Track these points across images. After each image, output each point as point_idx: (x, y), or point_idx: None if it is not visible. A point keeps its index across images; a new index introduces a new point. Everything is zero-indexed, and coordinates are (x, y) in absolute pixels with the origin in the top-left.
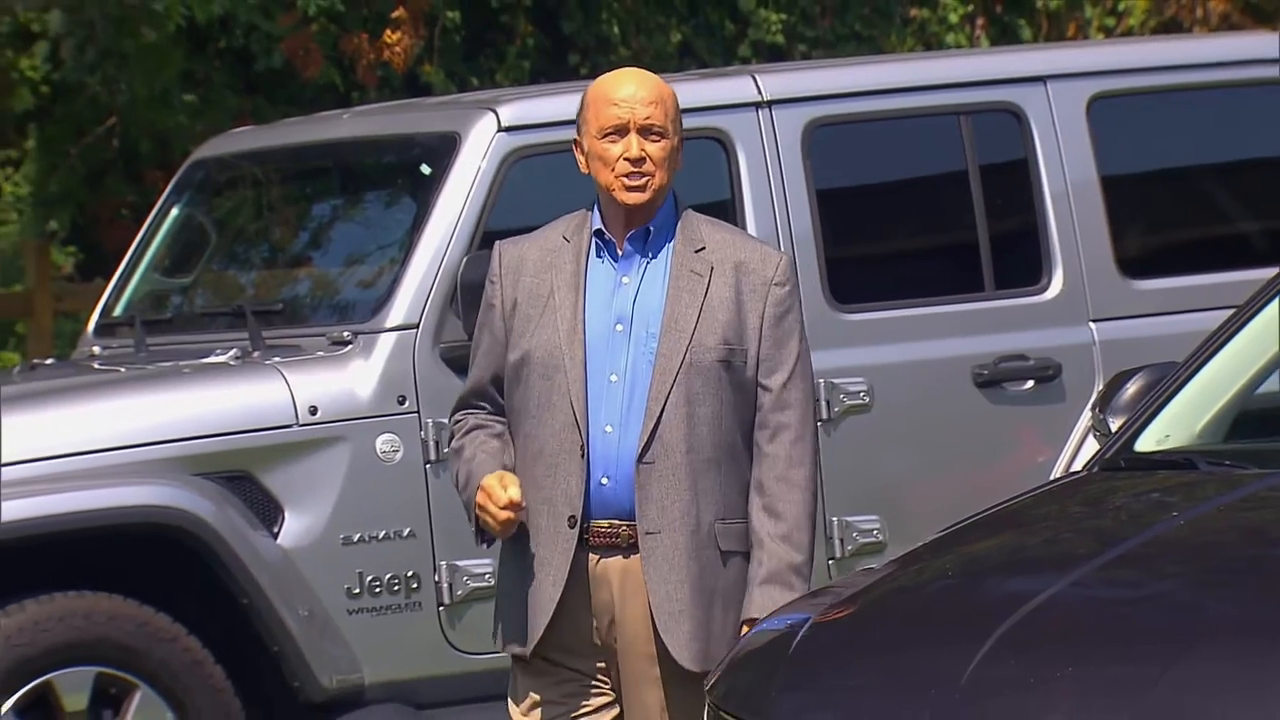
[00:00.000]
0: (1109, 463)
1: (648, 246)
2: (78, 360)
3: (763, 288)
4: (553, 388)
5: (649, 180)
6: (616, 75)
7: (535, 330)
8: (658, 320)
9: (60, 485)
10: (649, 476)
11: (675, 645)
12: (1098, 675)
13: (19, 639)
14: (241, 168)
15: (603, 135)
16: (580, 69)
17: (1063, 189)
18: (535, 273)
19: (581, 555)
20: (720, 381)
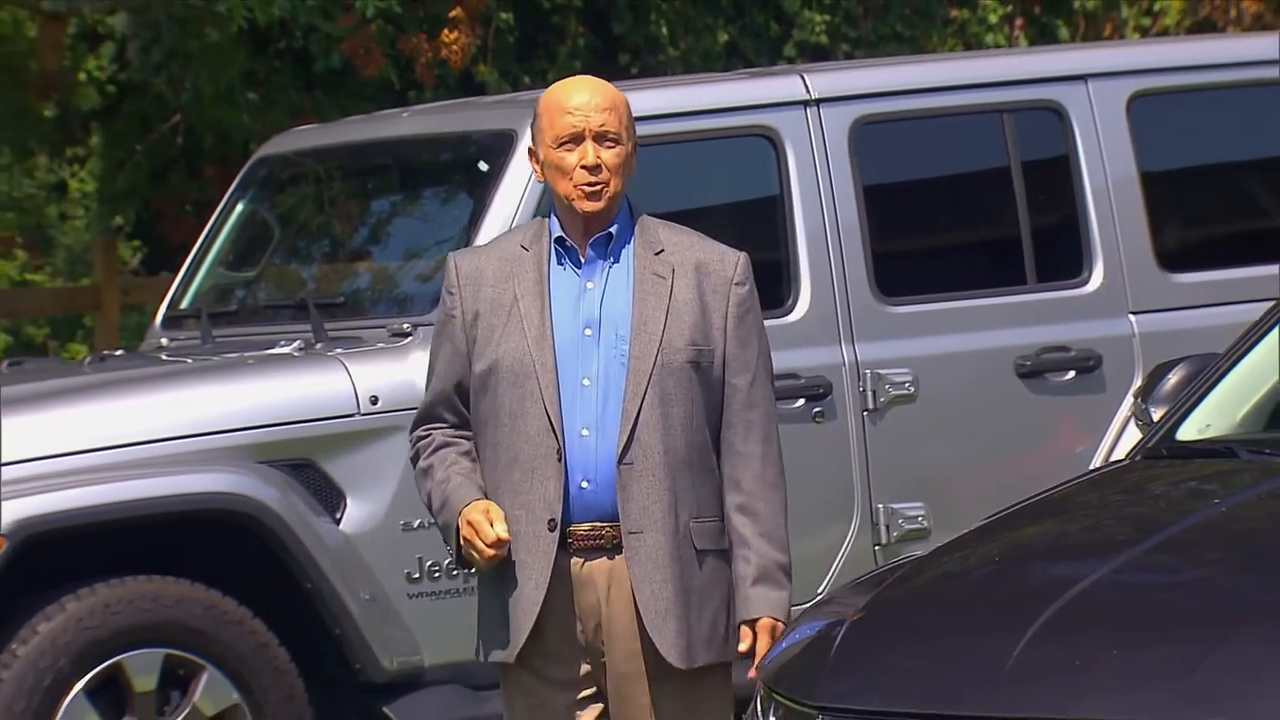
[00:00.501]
0: (1151, 451)
1: (609, 251)
2: (146, 351)
3: (724, 288)
4: (525, 395)
5: (604, 188)
6: (569, 84)
7: (501, 339)
8: (626, 323)
9: (130, 473)
10: (630, 477)
11: (663, 644)
12: (1141, 659)
13: (90, 621)
14: (303, 165)
15: (558, 144)
16: (630, 68)
17: (1103, 185)
18: (495, 282)
19: (564, 559)
20: (691, 381)
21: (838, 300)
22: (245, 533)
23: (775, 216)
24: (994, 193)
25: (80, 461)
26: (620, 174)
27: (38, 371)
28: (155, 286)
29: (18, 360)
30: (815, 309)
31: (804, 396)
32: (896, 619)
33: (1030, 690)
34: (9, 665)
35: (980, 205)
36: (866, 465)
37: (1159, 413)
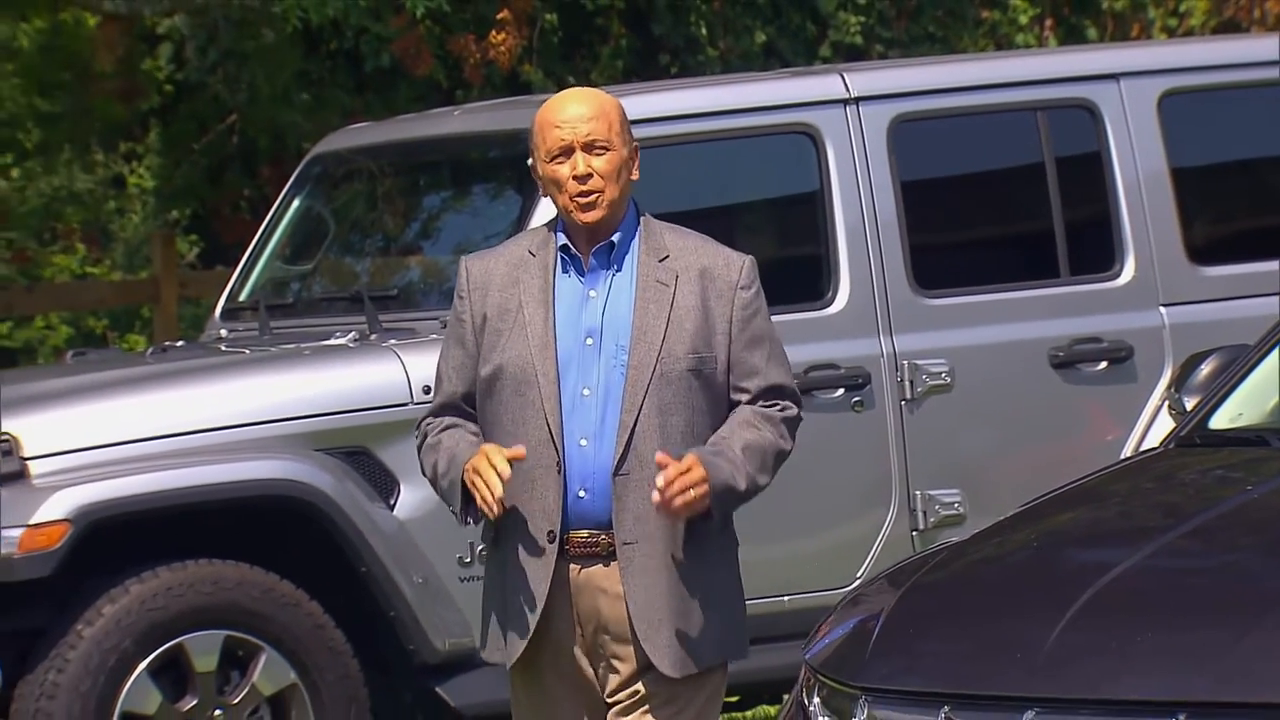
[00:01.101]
0: (1185, 440)
1: (612, 259)
2: (205, 343)
3: (729, 292)
4: (526, 403)
5: (599, 196)
6: (559, 98)
7: (505, 345)
8: (626, 332)
9: (191, 460)
10: (625, 488)
11: (655, 653)
12: (1176, 642)
13: (153, 604)
14: (357, 162)
15: (551, 159)
16: (670, 68)
17: (1134, 180)
18: (503, 288)
19: (563, 566)
20: (691, 390)
21: (876, 293)
22: (302, 518)
23: (816, 212)
24: (1028, 188)
25: (143, 449)
26: (615, 180)
27: (101, 362)
28: (211, 280)
29: (82, 351)
30: (854, 301)
31: (843, 386)
32: (936, 603)
33: (1067, 672)
34: (75, 645)
35: (1015, 200)
36: (904, 453)
37: (1192, 402)
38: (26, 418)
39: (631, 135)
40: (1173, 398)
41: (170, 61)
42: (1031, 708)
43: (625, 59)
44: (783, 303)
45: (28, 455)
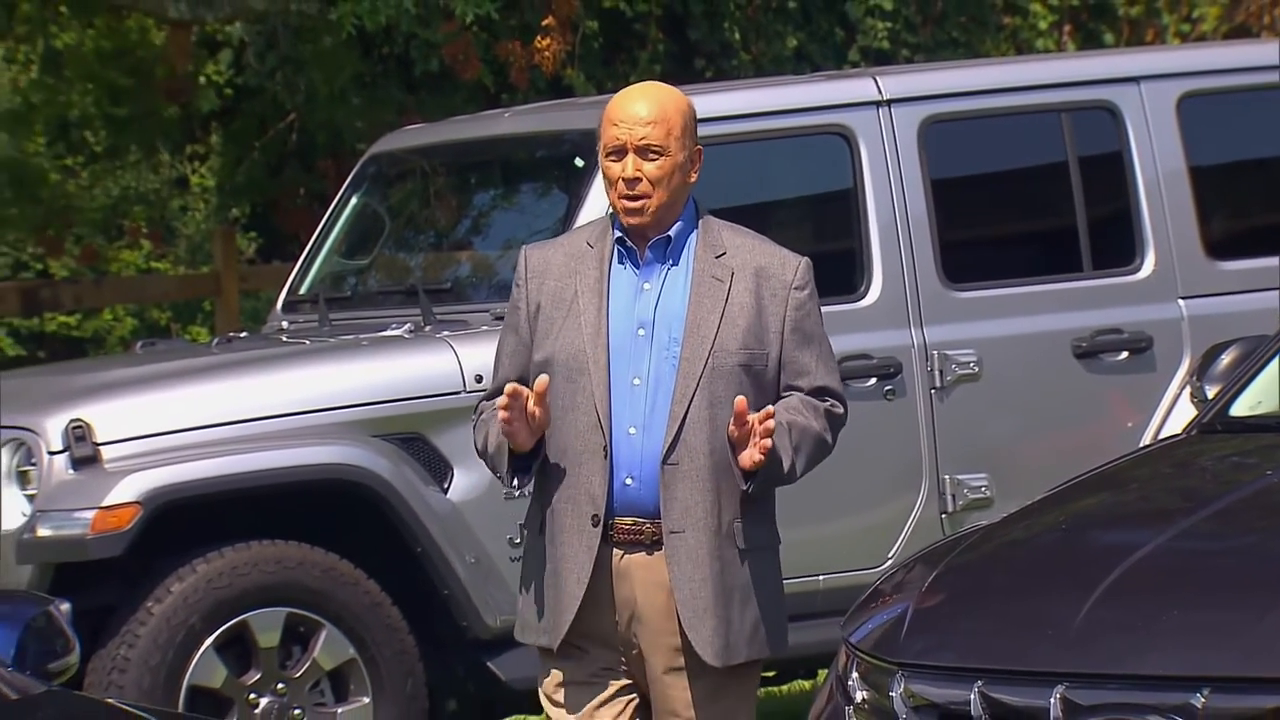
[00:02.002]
0: (1206, 426)
1: (668, 253)
2: (268, 334)
3: (783, 292)
4: (577, 390)
5: (646, 202)
6: (624, 94)
7: (559, 333)
8: (679, 325)
9: (254, 445)
10: (673, 477)
11: (699, 642)
12: (1200, 619)
13: (219, 582)
14: (411, 161)
15: (606, 155)
16: (706, 72)
17: (1154, 178)
18: (560, 277)
19: (605, 552)
20: (741, 385)
21: (907, 286)
22: (360, 501)
23: (849, 209)
24: (1052, 186)
25: (209, 435)
26: (665, 186)
27: (169, 352)
28: (270, 274)
29: (151, 341)
30: (887, 294)
31: (876, 376)
32: (969, 583)
33: (1095, 648)
34: (145, 622)
35: (1039, 198)
36: (934, 439)
37: (1213, 390)
38: (99, 405)
39: (695, 138)
40: (1195, 386)
41: (230, 66)
42: (1061, 682)
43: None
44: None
45: (100, 441)
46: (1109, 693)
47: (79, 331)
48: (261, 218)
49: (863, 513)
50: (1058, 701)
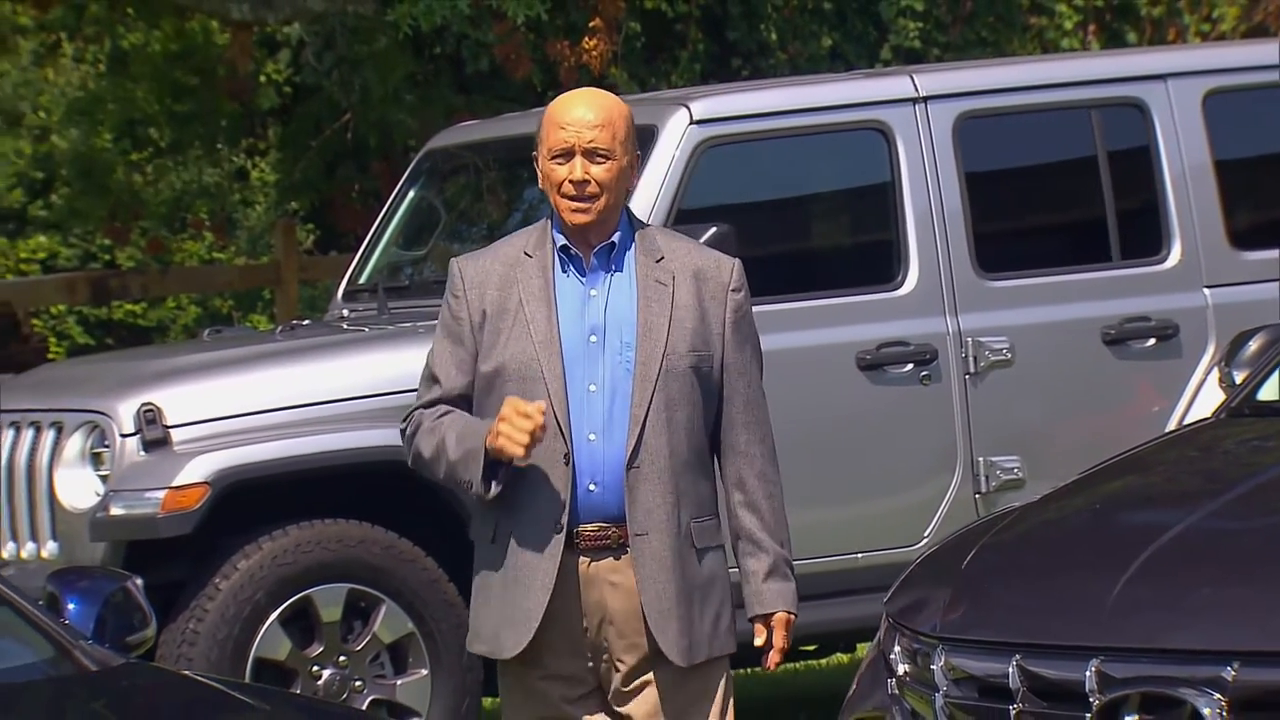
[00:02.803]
0: (1234, 411)
1: (612, 260)
2: (329, 321)
3: (721, 293)
4: (531, 398)
5: (593, 204)
6: (568, 98)
7: (506, 343)
8: (630, 330)
9: (318, 428)
10: (636, 480)
11: (665, 643)
12: (1229, 596)
13: (284, 559)
14: (465, 157)
15: (551, 157)
16: (743, 71)
17: (1180, 172)
18: (500, 286)
19: (570, 559)
20: (692, 386)
21: (943, 276)
22: (417, 481)
23: (887, 201)
24: (1082, 180)
25: (274, 418)
26: (613, 188)
27: (236, 339)
28: (327, 264)
29: (218, 329)
30: (923, 284)
31: (912, 362)
32: (1006, 561)
33: (1128, 624)
34: (213, 597)
35: (1070, 191)
36: (968, 423)
37: (1241, 376)
38: (169, 390)
39: (635, 144)
40: (1223, 371)
41: (288, 65)
42: (1096, 656)
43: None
44: (857, 285)
45: (170, 424)
46: (1142, 666)
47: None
48: (318, 211)
49: (900, 493)
50: (1093, 675)
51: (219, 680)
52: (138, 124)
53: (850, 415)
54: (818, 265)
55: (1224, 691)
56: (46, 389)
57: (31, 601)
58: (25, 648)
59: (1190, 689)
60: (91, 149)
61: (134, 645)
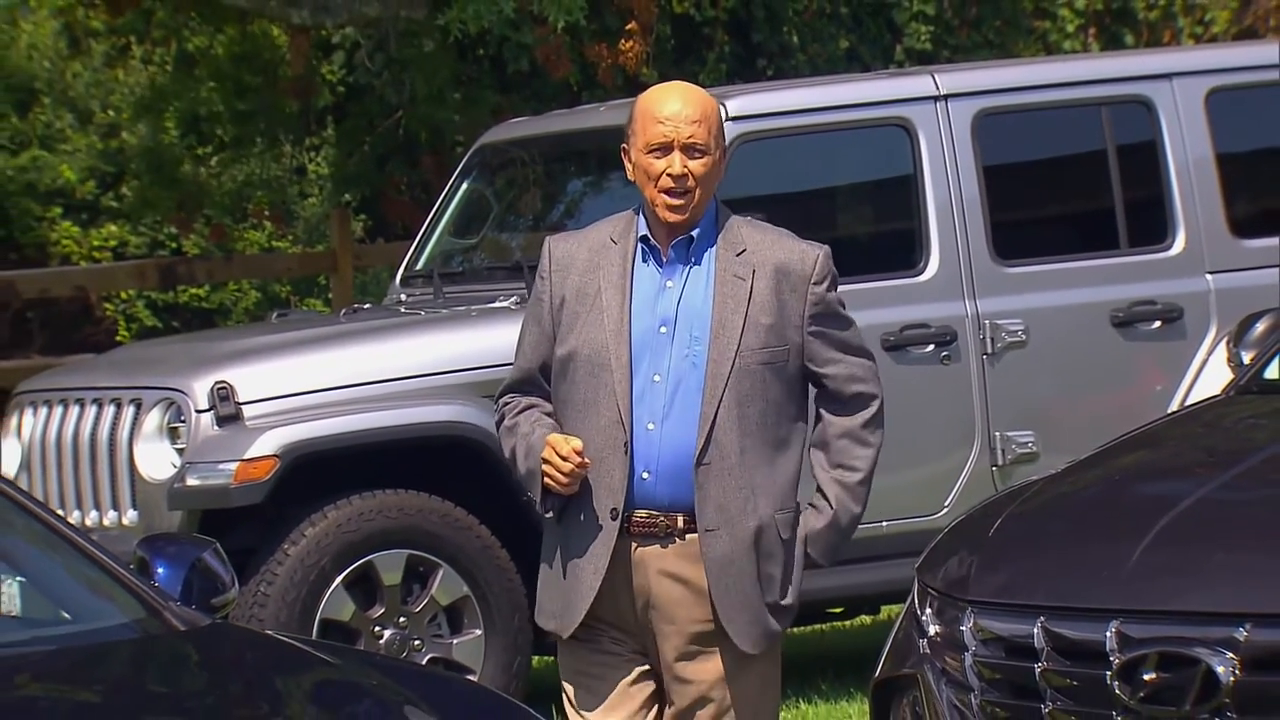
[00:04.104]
0: (1243, 388)
1: (690, 252)
2: (388, 305)
3: (802, 286)
4: (599, 385)
5: (689, 198)
6: (664, 90)
7: (582, 327)
8: (700, 323)
9: (378, 405)
10: (706, 477)
11: (737, 634)
12: (1242, 560)
13: (348, 527)
14: (515, 152)
15: (648, 150)
16: (767, 71)
17: (1184, 165)
18: (583, 271)
19: (623, 543)
20: (765, 382)
21: (962, 262)
22: (472, 454)
23: (910, 193)
24: (1092, 172)
25: (338, 396)
26: (707, 184)
27: (302, 321)
28: (379, 252)
29: (285, 312)
30: (943, 270)
31: (933, 343)
32: (1031, 529)
33: (1147, 587)
34: (282, 562)
35: (1081, 183)
36: (986, 400)
37: (1249, 355)
38: (241, 369)
39: (724, 138)
40: (1231, 352)
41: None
42: (1116, 618)
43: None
44: (881, 271)
45: (242, 400)
46: (1159, 627)
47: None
48: (370, 202)
49: (922, 465)
50: (1113, 635)
51: (296, 638)
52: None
53: None
54: (845, 252)
55: (1236, 651)
56: (126, 368)
57: (123, 565)
58: (120, 609)
59: (1205, 649)
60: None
61: (218, 606)
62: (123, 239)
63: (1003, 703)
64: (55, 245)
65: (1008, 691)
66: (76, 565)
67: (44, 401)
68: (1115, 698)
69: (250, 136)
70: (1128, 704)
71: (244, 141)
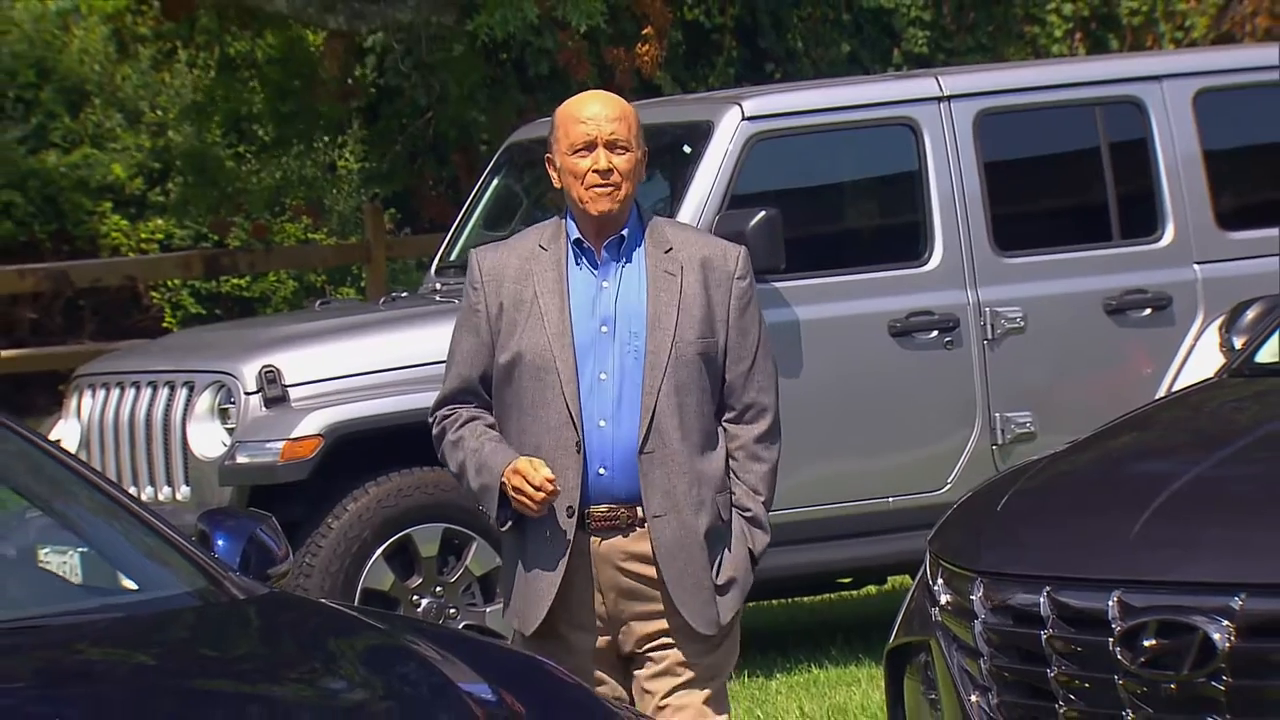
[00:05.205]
0: (1235, 372)
1: (622, 251)
2: (424, 294)
3: (726, 281)
4: (545, 388)
5: (616, 191)
6: (582, 97)
7: (522, 333)
8: (639, 320)
9: (416, 387)
10: (650, 465)
11: (692, 616)
12: (1238, 534)
13: (388, 502)
14: (540, 150)
15: (573, 151)
16: (774, 74)
17: (1173, 162)
18: (515, 279)
19: (583, 539)
20: (700, 371)
21: (964, 253)
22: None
23: (915, 188)
24: (1087, 168)
25: (379, 379)
26: (631, 179)
27: (343, 309)
28: (410, 244)
29: (327, 300)
30: (946, 260)
31: (937, 329)
32: (1037, 504)
33: (1147, 558)
34: (325, 535)
35: (1076, 178)
36: (986, 383)
37: (1240, 341)
38: (287, 353)
39: (644, 140)
40: (1224, 337)
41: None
42: (1117, 588)
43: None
44: (888, 262)
45: (288, 383)
46: (1159, 596)
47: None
48: (400, 197)
49: (926, 445)
50: (1115, 604)
51: (346, 606)
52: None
53: (882, 376)
54: (854, 244)
55: (1232, 619)
56: (179, 353)
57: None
58: (183, 578)
59: (1202, 617)
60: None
61: (273, 577)
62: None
63: (1010, 667)
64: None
65: (1015, 657)
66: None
67: (102, 384)
68: (1117, 663)
69: (290, 137)
70: (1129, 669)
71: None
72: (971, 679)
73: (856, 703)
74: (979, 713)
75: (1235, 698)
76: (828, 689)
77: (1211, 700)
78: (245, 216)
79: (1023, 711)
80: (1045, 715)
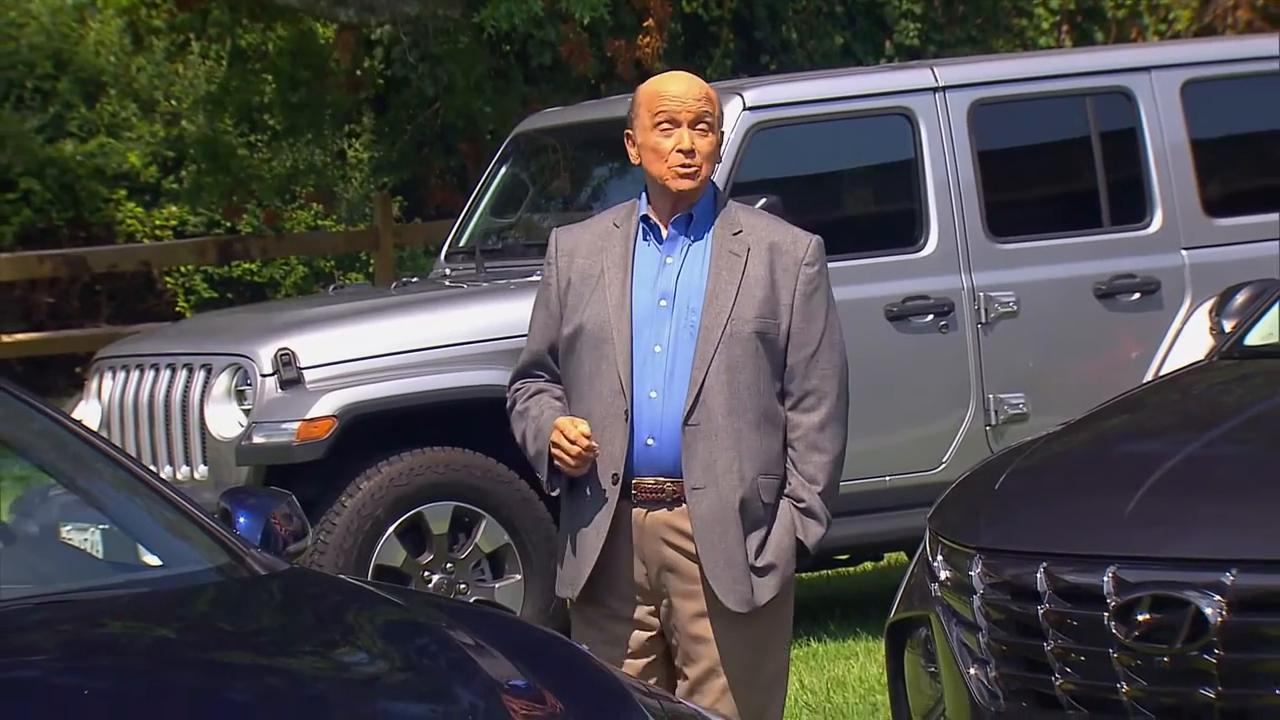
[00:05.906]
0: (1225, 354)
1: (689, 230)
2: (434, 279)
3: (794, 267)
4: (601, 358)
5: (697, 170)
6: (668, 75)
7: (586, 306)
8: (699, 296)
9: (427, 369)
10: (694, 437)
11: (722, 591)
12: (1230, 511)
13: (399, 480)
14: (548, 139)
15: (657, 126)
16: (770, 65)
17: (1162, 150)
18: (587, 255)
19: (626, 509)
20: (757, 351)
21: (958, 239)
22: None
23: (911, 176)
24: (1078, 157)
25: (391, 361)
26: (710, 161)
27: (356, 293)
28: (418, 231)
29: (340, 285)
30: (941, 246)
31: (932, 313)
32: (1034, 483)
33: (1141, 535)
34: (339, 513)
35: (1067, 166)
36: (980, 365)
37: (1230, 324)
38: (302, 336)
39: (722, 122)
40: (1214, 320)
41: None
42: (1112, 564)
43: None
44: (885, 248)
45: (303, 365)
46: (1153, 572)
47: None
48: (407, 185)
49: (922, 425)
50: (1110, 580)
51: (364, 581)
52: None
53: (880, 359)
54: (851, 230)
55: (1224, 594)
56: (196, 336)
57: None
58: (205, 555)
59: (1194, 592)
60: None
61: (294, 553)
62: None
63: (1008, 641)
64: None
65: (1013, 631)
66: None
67: (122, 367)
68: (1112, 637)
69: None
70: (1124, 642)
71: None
72: (970, 652)
73: (855, 675)
74: (978, 685)
75: (1227, 670)
76: (826, 662)
77: (1204, 673)
78: (257, 204)
79: (1020, 683)
80: (1042, 687)
